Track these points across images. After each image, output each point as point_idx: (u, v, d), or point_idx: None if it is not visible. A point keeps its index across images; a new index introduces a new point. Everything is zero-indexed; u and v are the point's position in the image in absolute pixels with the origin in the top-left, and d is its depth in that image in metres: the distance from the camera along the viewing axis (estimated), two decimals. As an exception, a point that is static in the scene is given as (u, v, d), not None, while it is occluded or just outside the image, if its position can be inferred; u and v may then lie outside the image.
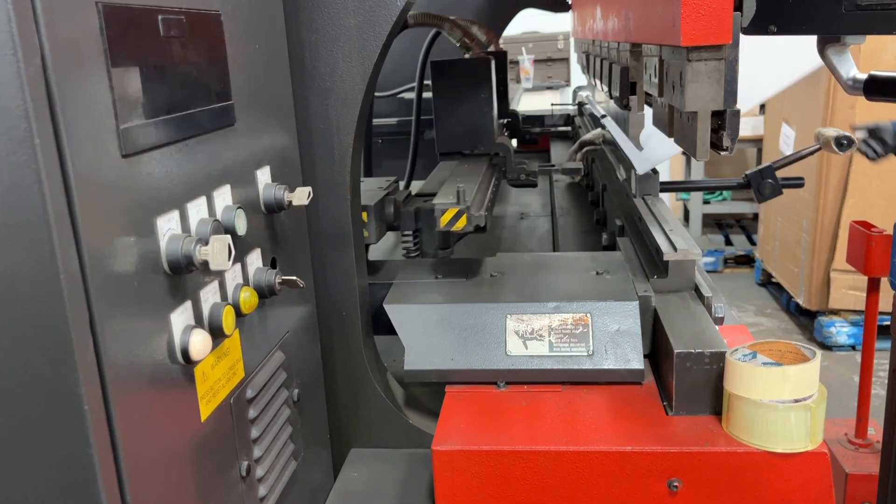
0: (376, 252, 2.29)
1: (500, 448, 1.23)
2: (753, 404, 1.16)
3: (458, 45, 2.50)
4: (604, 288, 1.52)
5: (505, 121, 3.03)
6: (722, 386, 1.23)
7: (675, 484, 1.19)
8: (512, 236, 2.61)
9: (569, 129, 4.01)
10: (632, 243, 1.86)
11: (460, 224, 1.56)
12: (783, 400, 1.15)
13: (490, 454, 1.23)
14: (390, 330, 1.51)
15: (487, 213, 1.67)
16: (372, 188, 1.80)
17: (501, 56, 2.77)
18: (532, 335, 1.42)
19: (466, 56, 2.52)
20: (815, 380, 1.17)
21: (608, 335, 1.40)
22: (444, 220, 1.56)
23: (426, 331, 1.46)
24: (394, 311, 1.49)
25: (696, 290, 1.54)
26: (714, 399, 1.26)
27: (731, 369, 1.20)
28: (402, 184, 2.44)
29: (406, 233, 1.79)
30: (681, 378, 1.26)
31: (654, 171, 2.03)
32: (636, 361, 1.37)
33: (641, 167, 1.99)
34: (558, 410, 1.32)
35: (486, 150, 2.38)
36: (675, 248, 1.53)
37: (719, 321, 1.43)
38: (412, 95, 3.00)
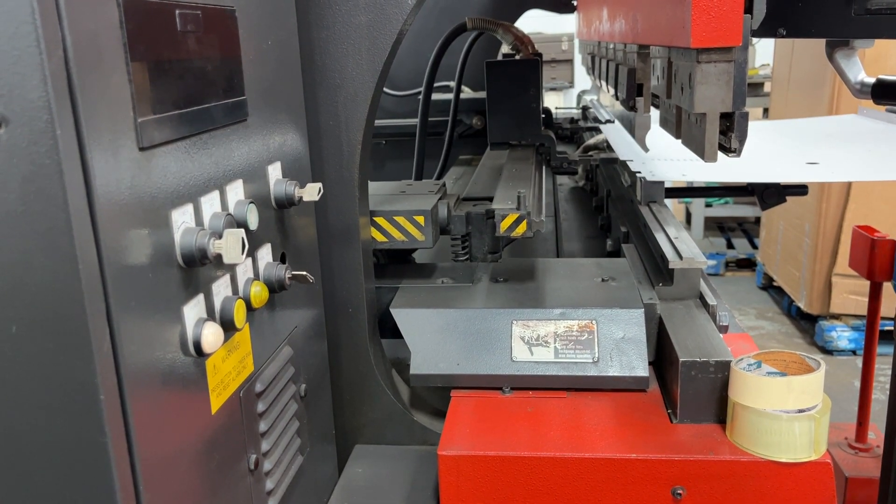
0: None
1: (505, 454, 1.24)
2: (758, 413, 1.17)
3: (509, 47, 2.77)
4: (609, 295, 1.53)
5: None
6: (726, 395, 1.24)
7: (678, 492, 1.19)
8: (515, 241, 2.61)
9: (598, 125, 4.01)
10: (637, 250, 1.86)
11: (521, 230, 1.55)
12: (787, 410, 1.16)
13: (495, 459, 1.24)
14: (396, 333, 1.52)
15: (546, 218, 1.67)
16: (422, 192, 1.80)
17: (539, 58, 2.95)
18: (537, 341, 1.43)
19: (517, 57, 2.75)
20: (819, 390, 1.18)
21: (613, 342, 1.41)
22: (504, 225, 1.55)
23: (432, 335, 1.46)
24: (400, 315, 1.50)
25: (702, 298, 1.54)
26: (718, 408, 1.27)
27: (736, 378, 1.21)
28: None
29: (455, 237, 1.79)
30: (685, 386, 1.27)
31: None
32: (641, 369, 1.38)
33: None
34: (563, 417, 1.33)
35: (532, 140, 2.64)
36: (680, 257, 1.54)
37: (724, 329, 1.44)
38: (435, 96, 3.03)
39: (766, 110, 6.36)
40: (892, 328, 4.28)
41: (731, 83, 1.11)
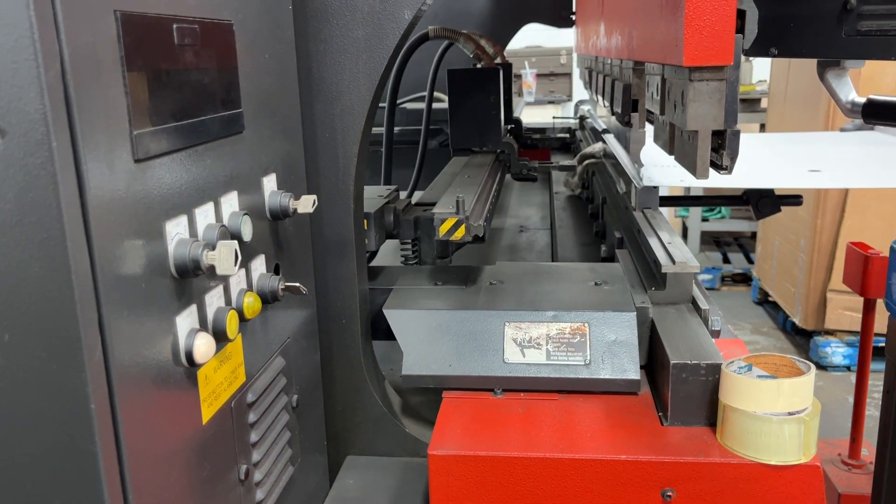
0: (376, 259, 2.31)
1: (496, 454, 1.23)
2: (748, 416, 1.17)
3: (471, 56, 2.81)
4: (602, 298, 1.53)
5: (509, 126, 3.30)
6: (717, 398, 1.24)
7: (668, 493, 1.19)
8: (511, 249, 2.63)
9: (566, 135, 4.13)
10: (630, 255, 1.87)
11: (459, 233, 1.58)
12: (777, 412, 1.16)
13: (486, 460, 1.23)
14: (389, 335, 1.52)
15: (486, 223, 1.69)
16: (372, 196, 1.82)
17: (507, 67, 3.05)
18: (530, 343, 1.43)
19: (478, 66, 2.80)
20: (809, 393, 1.18)
21: (605, 345, 1.41)
22: (443, 229, 1.58)
23: (425, 336, 1.47)
24: (393, 316, 1.50)
25: (694, 302, 1.55)
26: (709, 410, 1.27)
27: (727, 381, 1.21)
28: (404, 192, 2.54)
29: (405, 241, 1.81)
30: (676, 389, 1.27)
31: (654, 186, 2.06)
32: (632, 372, 1.38)
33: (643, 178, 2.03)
34: (554, 418, 1.33)
35: (493, 147, 2.73)
36: (673, 261, 1.55)
37: (716, 334, 1.44)
38: (415, 105, 3.06)
39: (762, 126, 6.40)
40: (885, 344, 4.28)
41: (722, 101, 1.12)
